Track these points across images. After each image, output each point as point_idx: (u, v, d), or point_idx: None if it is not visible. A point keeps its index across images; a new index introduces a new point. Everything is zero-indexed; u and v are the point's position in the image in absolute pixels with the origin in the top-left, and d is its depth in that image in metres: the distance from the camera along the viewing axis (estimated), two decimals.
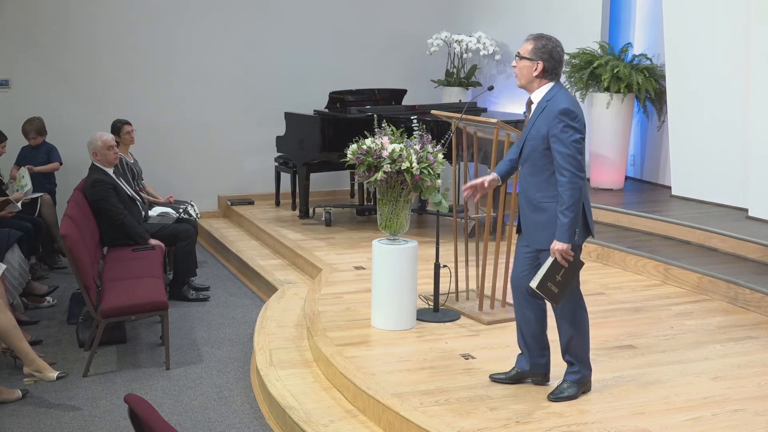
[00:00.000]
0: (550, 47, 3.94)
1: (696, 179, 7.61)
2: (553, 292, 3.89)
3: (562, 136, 3.81)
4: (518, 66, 4.01)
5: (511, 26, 9.40)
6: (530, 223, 4.03)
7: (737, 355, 4.72)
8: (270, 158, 9.25)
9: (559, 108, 3.83)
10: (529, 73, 3.96)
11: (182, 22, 9.22)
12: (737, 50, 7.08)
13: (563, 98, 3.89)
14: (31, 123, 7.91)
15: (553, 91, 3.94)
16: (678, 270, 6.07)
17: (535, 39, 3.97)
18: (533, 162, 3.96)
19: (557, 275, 3.87)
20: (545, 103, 3.92)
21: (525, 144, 4.00)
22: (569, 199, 3.79)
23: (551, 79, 3.97)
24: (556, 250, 3.83)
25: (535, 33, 4.03)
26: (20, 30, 8.66)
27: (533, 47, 3.95)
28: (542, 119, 3.90)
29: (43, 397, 4.80)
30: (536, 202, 3.97)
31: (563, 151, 3.81)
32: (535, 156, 3.94)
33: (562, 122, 3.82)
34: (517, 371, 4.27)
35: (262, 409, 4.63)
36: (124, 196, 6.47)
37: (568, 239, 3.81)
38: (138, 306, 5.23)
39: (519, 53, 4.01)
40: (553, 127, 3.84)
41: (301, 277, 6.80)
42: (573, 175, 3.79)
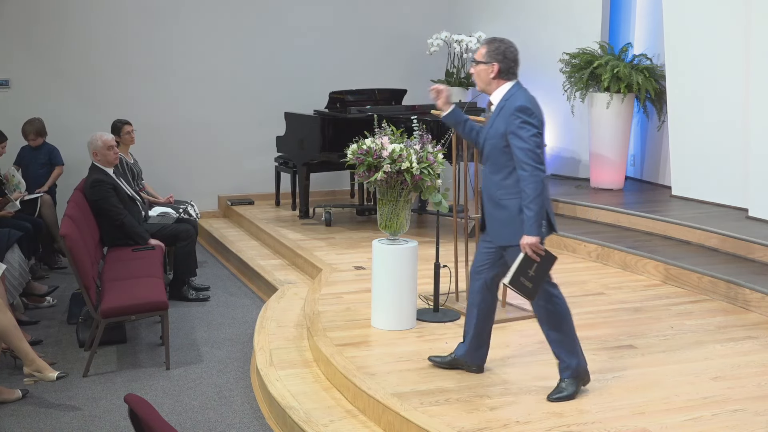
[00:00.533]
0: (503, 48, 4.08)
1: (696, 179, 7.61)
2: (527, 287, 3.95)
3: (520, 132, 3.92)
4: (476, 71, 4.14)
5: (510, 26, 9.39)
6: (493, 220, 4.12)
7: (737, 355, 4.72)
8: (270, 158, 9.25)
9: (516, 105, 3.96)
10: (486, 75, 4.09)
11: (182, 22, 9.22)
12: (737, 50, 7.08)
13: (520, 96, 4.02)
14: (30, 124, 7.91)
15: (511, 91, 4.07)
16: (678, 270, 6.08)
17: (488, 43, 4.11)
18: (494, 160, 4.06)
19: (529, 270, 3.92)
20: (504, 102, 4.04)
21: (485, 143, 4.11)
22: (532, 192, 3.87)
23: (508, 79, 4.10)
24: (525, 245, 3.90)
25: (488, 37, 4.19)
26: (20, 30, 8.66)
27: (487, 50, 4.09)
28: (501, 118, 4.01)
29: (43, 397, 4.80)
30: (497, 200, 4.06)
31: (522, 146, 3.90)
32: (495, 154, 4.04)
33: (519, 118, 3.93)
34: (453, 357, 4.42)
35: (262, 409, 4.63)
36: (124, 196, 6.47)
37: (536, 232, 3.88)
38: (138, 306, 5.23)
39: (475, 59, 4.15)
40: (510, 124, 3.95)
41: (301, 277, 6.80)
42: (534, 168, 3.88)
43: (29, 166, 7.87)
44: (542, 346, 4.81)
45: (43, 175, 7.85)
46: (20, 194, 7.02)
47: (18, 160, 7.93)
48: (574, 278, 6.29)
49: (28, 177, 7.74)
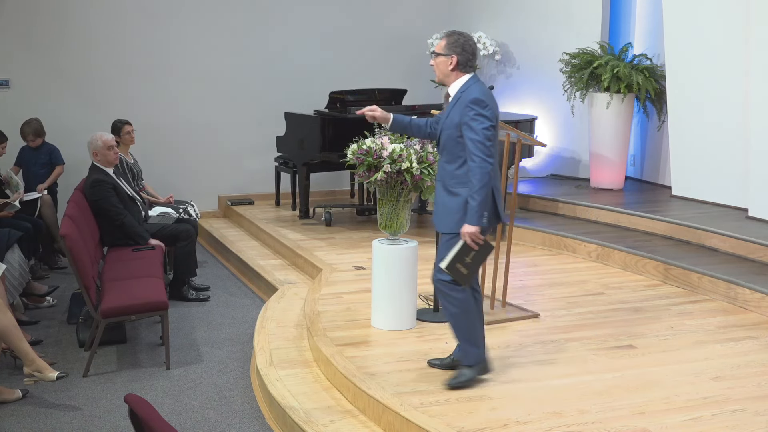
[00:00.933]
0: (462, 41, 4.16)
1: (696, 179, 7.61)
2: (462, 274, 4.06)
3: (473, 124, 4.00)
4: (435, 63, 4.22)
5: (511, 26, 9.41)
6: (442, 208, 4.19)
7: (737, 355, 4.72)
8: (270, 158, 9.25)
9: (470, 97, 4.04)
10: (445, 67, 4.17)
11: (182, 22, 9.22)
12: (737, 50, 7.08)
13: (476, 89, 4.08)
14: (28, 125, 7.90)
15: (468, 83, 4.14)
16: (678, 270, 6.08)
17: (448, 35, 4.20)
18: (449, 150, 4.15)
19: (467, 257, 4.04)
20: (460, 94, 4.12)
21: (441, 134, 4.20)
22: (478, 182, 3.97)
23: (466, 72, 4.17)
24: (465, 233, 4.00)
25: (447, 30, 4.28)
26: (20, 30, 8.66)
27: (446, 43, 4.17)
28: (456, 109, 4.09)
29: (43, 397, 4.80)
30: (450, 188, 4.15)
31: (473, 137, 3.99)
32: (450, 144, 4.13)
33: (472, 110, 4.01)
34: (453, 359, 4.42)
35: (262, 409, 4.63)
36: (124, 196, 6.47)
37: (477, 221, 3.98)
38: (138, 306, 5.23)
39: (434, 51, 4.22)
40: (464, 116, 4.03)
41: (301, 277, 6.80)
42: (482, 160, 3.97)
43: (30, 167, 7.87)
44: (542, 346, 4.82)
45: (44, 175, 7.84)
46: (19, 195, 7.02)
47: (18, 161, 7.93)
48: (574, 278, 6.30)
49: (28, 177, 7.75)
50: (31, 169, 7.86)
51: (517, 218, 7.50)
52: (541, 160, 9.19)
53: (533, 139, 5.57)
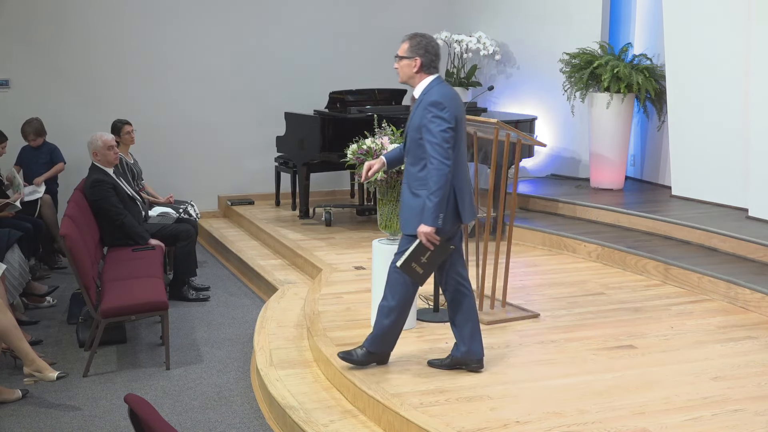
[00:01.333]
0: (425, 43, 4.18)
1: (696, 179, 7.61)
2: (418, 273, 4.13)
3: (431, 126, 4.03)
4: (399, 66, 4.24)
5: (511, 26, 9.41)
6: (406, 209, 4.22)
7: (737, 355, 4.72)
8: (270, 158, 9.25)
9: (430, 100, 4.07)
10: (410, 69, 4.19)
11: (182, 22, 9.22)
12: (737, 50, 7.08)
13: (436, 91, 4.10)
14: (29, 125, 7.90)
15: (431, 85, 4.16)
16: (678, 270, 6.07)
17: (411, 38, 4.21)
18: (412, 152, 4.17)
19: (422, 257, 4.10)
20: (422, 96, 4.15)
21: (406, 136, 4.23)
22: (434, 184, 4.00)
23: (430, 73, 4.19)
24: (421, 233, 4.06)
25: (409, 33, 4.25)
26: (20, 30, 8.66)
27: (410, 45, 4.18)
28: (417, 111, 4.13)
29: (43, 397, 4.81)
30: (413, 190, 4.17)
31: (431, 140, 4.02)
32: (413, 147, 4.16)
33: (430, 113, 4.04)
34: (452, 358, 4.43)
35: (262, 409, 4.63)
36: (124, 196, 6.47)
37: (432, 222, 4.03)
38: (138, 306, 5.23)
39: (397, 54, 4.23)
40: (423, 118, 4.07)
41: (301, 277, 6.80)
42: (439, 162, 4.00)
43: (31, 166, 7.86)
44: (542, 346, 4.82)
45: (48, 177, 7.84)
46: (20, 195, 7.02)
47: (19, 161, 7.92)
48: (574, 278, 6.30)
49: (29, 176, 7.74)
50: (32, 168, 7.85)
51: (517, 218, 7.50)
52: (541, 160, 9.18)
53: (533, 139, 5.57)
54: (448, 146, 4.02)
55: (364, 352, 4.41)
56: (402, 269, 4.12)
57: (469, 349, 4.37)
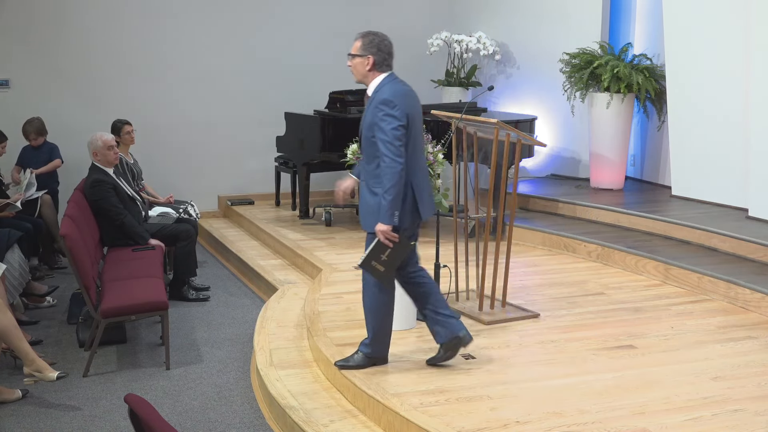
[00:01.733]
0: (377, 41, 4.22)
1: (696, 179, 7.61)
2: (379, 271, 4.15)
3: (382, 124, 4.07)
4: (352, 64, 4.29)
5: (511, 26, 9.40)
6: (364, 206, 4.28)
7: (737, 355, 4.72)
8: (270, 158, 9.25)
9: (381, 98, 4.11)
10: (363, 68, 4.24)
11: (182, 22, 9.22)
12: (737, 50, 7.08)
13: (388, 89, 4.14)
14: (30, 124, 7.91)
15: (383, 83, 4.20)
16: (678, 270, 6.07)
17: (363, 36, 4.26)
18: (367, 150, 4.22)
19: (383, 255, 4.13)
20: (374, 94, 4.19)
21: (361, 135, 4.27)
22: (387, 182, 4.05)
23: (383, 71, 4.24)
24: (378, 231, 4.10)
25: (362, 31, 4.30)
26: (20, 30, 8.66)
27: (362, 44, 4.24)
28: (369, 109, 4.17)
29: (43, 397, 4.81)
30: (371, 188, 4.21)
31: (382, 138, 4.06)
32: (366, 145, 4.20)
33: (381, 111, 4.08)
34: (442, 346, 4.42)
35: (262, 409, 4.63)
36: (124, 196, 6.47)
37: (388, 220, 4.08)
38: (138, 306, 5.23)
39: (349, 53, 4.27)
40: (374, 116, 4.11)
41: (301, 277, 6.80)
42: (391, 160, 4.04)
43: (31, 166, 7.85)
44: (542, 346, 4.82)
45: (46, 174, 7.83)
46: (20, 195, 7.02)
47: (20, 161, 7.92)
48: (574, 278, 6.30)
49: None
50: (33, 167, 7.84)
51: (517, 218, 7.50)
52: (541, 160, 9.18)
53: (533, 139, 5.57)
54: (400, 144, 4.04)
55: (362, 356, 4.43)
56: (364, 268, 4.14)
57: (448, 329, 4.38)
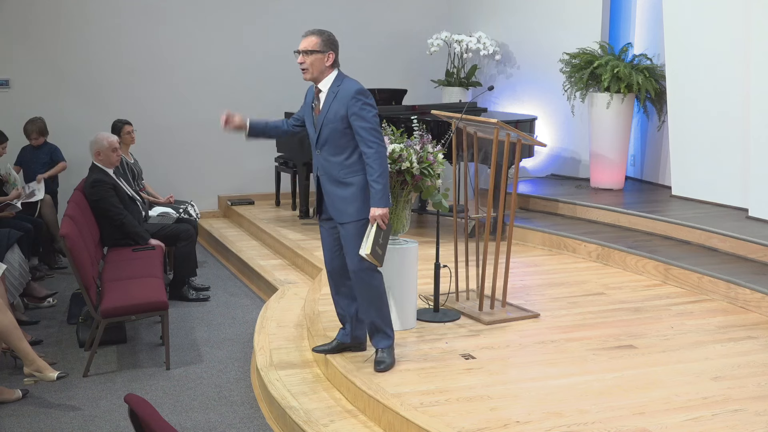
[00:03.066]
0: (333, 38, 4.32)
1: (696, 179, 7.61)
2: (380, 255, 4.29)
3: (363, 113, 4.20)
4: (308, 60, 4.28)
5: (511, 26, 9.41)
6: (336, 199, 4.32)
7: (737, 355, 4.72)
8: (270, 158, 9.25)
9: (355, 89, 4.22)
10: (321, 64, 4.29)
11: (182, 22, 9.22)
12: (737, 50, 7.09)
13: (352, 82, 4.29)
14: (33, 123, 7.91)
15: (340, 78, 4.32)
16: (678, 270, 6.07)
17: (319, 33, 4.29)
18: (333, 143, 4.28)
19: (380, 239, 4.27)
20: (336, 88, 4.28)
21: (323, 129, 4.30)
22: (379, 167, 4.19)
23: (335, 67, 4.34)
24: (377, 216, 4.21)
25: (312, 28, 4.34)
26: (20, 30, 8.66)
27: (321, 40, 4.28)
28: (337, 103, 4.24)
29: (43, 397, 4.81)
30: (341, 179, 4.29)
31: (366, 125, 4.20)
32: (336, 137, 4.26)
33: (360, 101, 4.20)
34: (338, 342, 4.67)
35: (262, 409, 4.63)
36: (124, 196, 6.47)
37: (385, 204, 4.22)
38: (138, 306, 5.23)
39: (306, 49, 4.27)
40: (351, 107, 4.20)
41: (301, 277, 6.80)
42: (378, 145, 4.20)
43: (31, 166, 7.86)
44: (542, 346, 4.82)
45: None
46: (18, 191, 7.02)
47: (19, 161, 7.92)
48: (574, 278, 6.30)
49: (30, 177, 7.74)
50: (33, 168, 7.85)
51: (517, 218, 7.50)
52: (541, 160, 9.18)
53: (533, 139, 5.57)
54: (380, 130, 4.25)
55: (389, 350, 4.48)
56: (371, 256, 4.21)
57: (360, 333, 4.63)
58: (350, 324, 4.63)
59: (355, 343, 4.66)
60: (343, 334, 4.67)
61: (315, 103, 4.38)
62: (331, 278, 4.62)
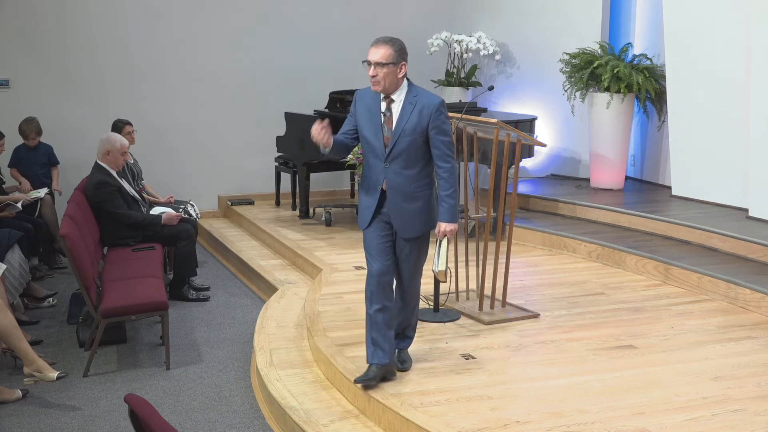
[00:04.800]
0: (404, 47, 4.11)
1: (696, 179, 7.61)
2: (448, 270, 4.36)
3: (445, 127, 4.11)
4: (381, 73, 4.03)
5: (511, 26, 9.40)
6: (404, 213, 4.18)
7: (737, 355, 4.72)
8: (270, 158, 9.25)
9: (438, 102, 4.10)
10: (395, 77, 4.07)
11: (182, 22, 9.21)
12: (737, 50, 7.09)
13: (430, 94, 4.16)
14: (30, 123, 7.88)
15: (415, 88, 4.15)
16: (678, 270, 6.07)
17: (391, 43, 4.06)
18: (408, 156, 4.12)
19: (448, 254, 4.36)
20: (413, 99, 4.10)
21: (399, 140, 4.11)
22: (454, 182, 4.17)
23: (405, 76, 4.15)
24: (448, 231, 4.19)
25: (384, 37, 4.11)
26: (20, 30, 8.66)
27: (394, 51, 4.04)
28: (416, 115, 4.07)
29: (43, 397, 4.81)
30: (411, 193, 4.16)
31: (446, 139, 4.12)
32: (412, 150, 4.11)
33: (442, 114, 4.10)
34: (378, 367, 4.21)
35: (262, 409, 4.63)
36: (127, 198, 6.49)
37: (456, 219, 4.19)
38: (138, 306, 5.23)
39: (380, 61, 4.01)
40: (434, 120, 4.07)
41: (301, 277, 6.80)
42: (454, 160, 4.18)
43: (30, 167, 7.84)
44: (542, 346, 4.82)
45: (44, 175, 7.83)
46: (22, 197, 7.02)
47: (15, 161, 7.86)
48: (574, 278, 6.30)
49: (29, 177, 7.73)
50: (32, 169, 7.84)
51: (517, 218, 7.50)
52: (541, 160, 9.18)
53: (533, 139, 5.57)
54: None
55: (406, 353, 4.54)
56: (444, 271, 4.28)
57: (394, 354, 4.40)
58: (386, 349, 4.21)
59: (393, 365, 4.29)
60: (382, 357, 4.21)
61: (386, 113, 4.13)
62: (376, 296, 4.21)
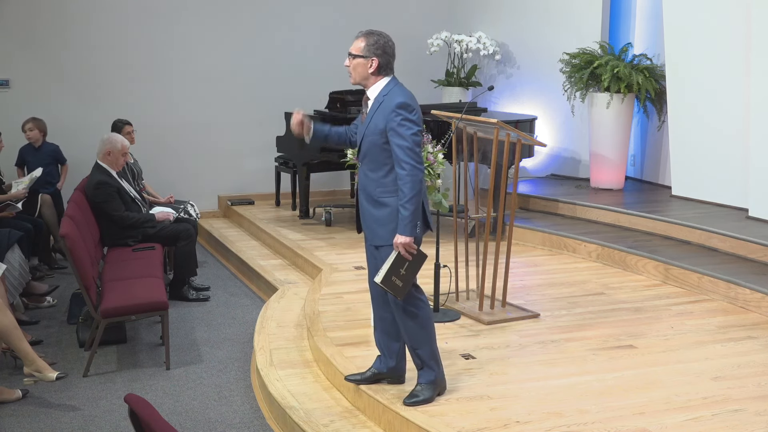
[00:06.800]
0: (382, 43, 3.92)
1: (696, 179, 7.61)
2: (398, 286, 3.87)
3: (400, 130, 3.79)
4: (352, 64, 3.97)
5: (511, 26, 9.40)
6: (370, 219, 3.96)
7: (737, 355, 4.72)
8: (270, 158, 9.25)
9: (396, 102, 3.82)
10: (364, 70, 3.94)
11: (182, 22, 9.22)
12: (737, 50, 7.08)
13: (399, 92, 3.87)
14: (38, 122, 7.89)
15: (389, 86, 3.92)
16: (678, 270, 6.07)
17: (366, 36, 3.95)
18: (372, 158, 3.91)
19: (401, 269, 3.86)
20: (382, 98, 3.89)
21: (363, 140, 3.95)
22: (410, 191, 3.77)
23: (386, 74, 3.95)
24: (399, 244, 3.81)
25: (364, 30, 4.00)
26: (20, 30, 8.66)
27: (365, 44, 3.93)
28: (379, 114, 3.86)
29: (43, 397, 4.81)
30: (376, 198, 3.92)
31: (402, 144, 3.78)
32: (374, 151, 3.89)
33: (399, 116, 3.79)
34: (373, 372, 4.24)
35: (262, 409, 4.63)
36: (127, 199, 6.49)
37: (410, 232, 3.80)
38: (138, 306, 5.23)
39: (351, 52, 3.96)
40: (390, 121, 3.81)
41: (301, 277, 6.80)
42: (413, 167, 3.78)
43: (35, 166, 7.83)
44: (542, 346, 4.82)
45: (49, 173, 7.82)
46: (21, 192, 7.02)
47: (21, 161, 7.90)
48: (574, 278, 6.30)
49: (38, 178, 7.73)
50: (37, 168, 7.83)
51: (517, 218, 7.50)
52: (541, 160, 9.18)
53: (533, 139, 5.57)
54: (420, 150, 3.82)
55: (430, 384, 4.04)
56: (383, 284, 3.84)
57: (397, 366, 4.21)
58: (385, 356, 4.21)
59: (392, 374, 4.22)
60: (379, 363, 4.24)
61: (363, 110, 4.01)
62: (373, 302, 4.22)
